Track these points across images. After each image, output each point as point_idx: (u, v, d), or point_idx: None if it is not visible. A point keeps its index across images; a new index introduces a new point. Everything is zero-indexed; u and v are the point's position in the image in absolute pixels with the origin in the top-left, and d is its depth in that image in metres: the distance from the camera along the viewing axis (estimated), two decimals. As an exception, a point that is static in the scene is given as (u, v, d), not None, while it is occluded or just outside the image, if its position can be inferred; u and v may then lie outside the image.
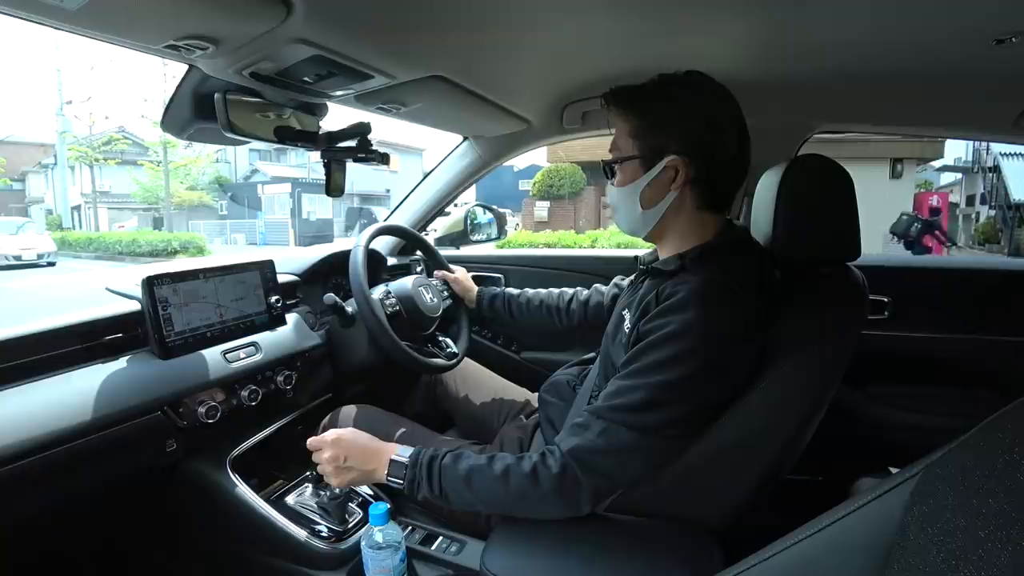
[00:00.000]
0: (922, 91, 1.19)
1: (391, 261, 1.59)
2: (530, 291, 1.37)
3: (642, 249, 1.16)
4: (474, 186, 1.80)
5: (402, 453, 0.84)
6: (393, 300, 1.28)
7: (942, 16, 0.84)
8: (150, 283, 0.95)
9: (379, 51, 0.90)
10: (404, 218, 1.73)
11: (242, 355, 1.08)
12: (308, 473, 1.12)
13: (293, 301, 1.31)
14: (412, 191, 1.76)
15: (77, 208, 25.57)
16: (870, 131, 1.47)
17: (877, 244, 7.98)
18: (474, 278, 1.50)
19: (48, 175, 26.91)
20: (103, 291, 1.06)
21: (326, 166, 1.17)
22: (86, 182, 23.58)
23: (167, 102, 0.98)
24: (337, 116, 1.14)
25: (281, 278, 1.22)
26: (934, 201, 10.41)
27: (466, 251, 1.83)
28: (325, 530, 1.00)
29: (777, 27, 0.93)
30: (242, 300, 1.10)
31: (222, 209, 24.35)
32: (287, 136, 1.06)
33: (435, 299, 1.35)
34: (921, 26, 0.88)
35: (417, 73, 1.00)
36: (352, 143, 1.14)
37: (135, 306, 0.99)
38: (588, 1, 0.83)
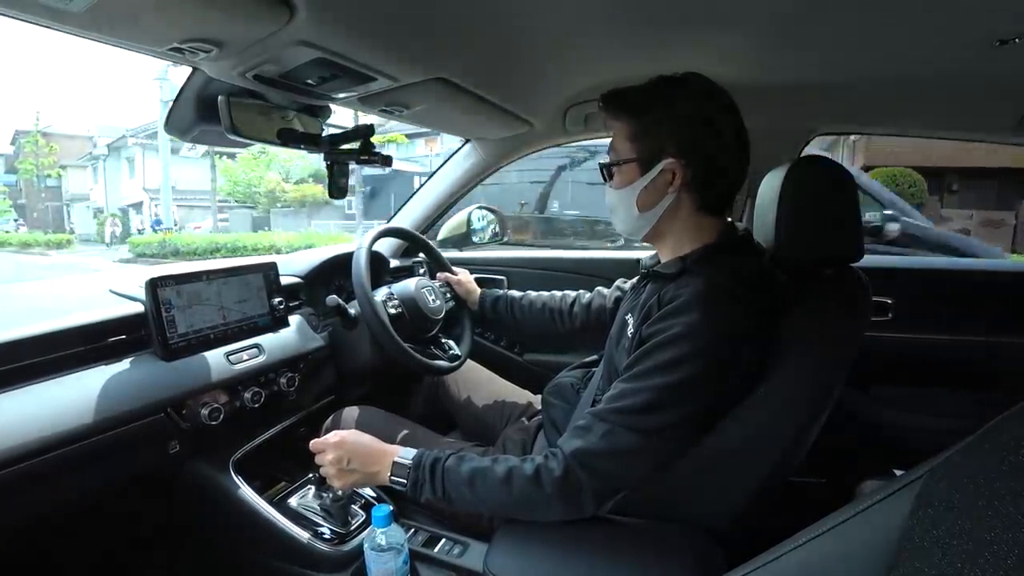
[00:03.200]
0: (924, 93, 1.19)
1: (394, 263, 1.59)
2: (532, 294, 1.37)
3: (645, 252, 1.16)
4: (552, 191, 1.76)
5: (405, 455, 0.83)
6: (396, 302, 1.28)
7: (944, 17, 0.84)
8: (153, 285, 0.95)
9: (382, 54, 0.90)
10: (407, 220, 1.74)
11: (245, 357, 1.08)
12: (311, 475, 1.12)
13: (296, 303, 1.31)
14: (414, 193, 1.76)
15: (137, 206, 22.21)
16: (872, 133, 1.47)
17: None
18: (476, 280, 1.50)
19: (99, 168, 24.37)
20: (107, 293, 1.06)
21: (329, 168, 1.18)
22: (151, 175, 20.22)
23: (170, 104, 0.99)
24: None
25: (284, 280, 1.23)
26: None
27: (468, 253, 1.83)
28: (328, 532, 1.00)
29: (779, 31, 0.93)
30: (245, 302, 1.10)
31: (350, 207, 19.85)
32: (290, 138, 1.06)
33: (438, 301, 1.36)
34: (923, 27, 0.88)
35: (420, 75, 1.00)
36: (355, 145, 1.14)
37: (138, 308, 0.99)
38: (590, 4, 0.83)
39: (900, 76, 1.09)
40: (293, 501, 1.07)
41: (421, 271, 1.60)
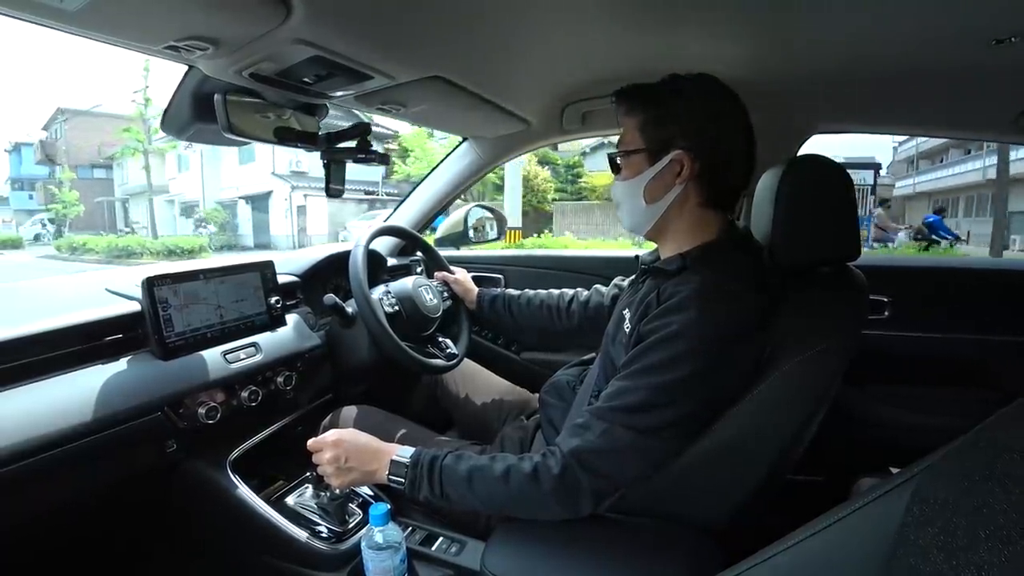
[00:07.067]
0: (921, 91, 1.19)
1: (391, 262, 1.59)
2: (530, 292, 1.37)
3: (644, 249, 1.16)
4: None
5: (403, 453, 0.84)
6: (393, 300, 1.28)
7: (942, 16, 0.84)
8: (150, 284, 0.95)
9: (379, 52, 0.90)
10: (404, 219, 1.73)
11: (242, 356, 1.08)
12: (308, 474, 1.11)
13: (293, 302, 1.31)
14: (412, 191, 1.76)
15: (257, 198, 17.33)
16: (870, 131, 1.47)
17: None
18: (473, 278, 1.50)
19: (191, 151, 18.73)
20: (103, 292, 1.06)
21: (326, 167, 1.17)
22: (281, 160, 15.90)
23: (167, 103, 0.98)
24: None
25: (281, 279, 1.23)
26: None
27: (465, 251, 1.83)
28: (325, 531, 1.00)
29: (776, 28, 0.93)
30: (242, 301, 1.10)
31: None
32: (287, 137, 1.06)
33: (435, 299, 1.35)
34: (921, 26, 0.88)
35: (417, 74, 1.00)
36: (352, 143, 1.14)
37: (135, 307, 0.99)
38: (587, 3, 0.83)
39: (896, 75, 1.09)
40: (290, 500, 1.07)
41: (418, 269, 1.60)
